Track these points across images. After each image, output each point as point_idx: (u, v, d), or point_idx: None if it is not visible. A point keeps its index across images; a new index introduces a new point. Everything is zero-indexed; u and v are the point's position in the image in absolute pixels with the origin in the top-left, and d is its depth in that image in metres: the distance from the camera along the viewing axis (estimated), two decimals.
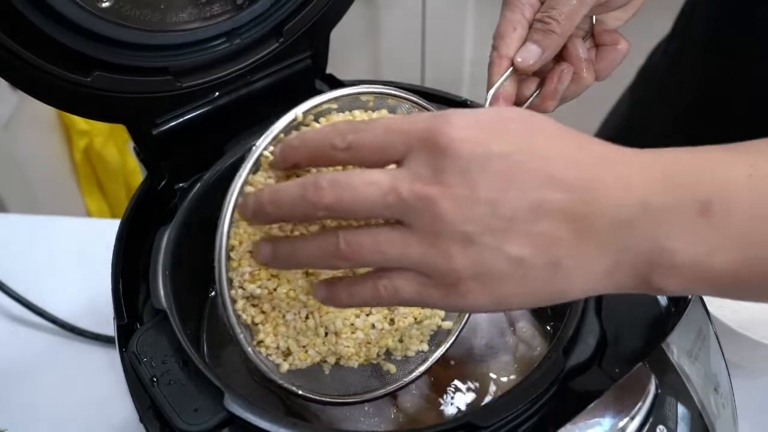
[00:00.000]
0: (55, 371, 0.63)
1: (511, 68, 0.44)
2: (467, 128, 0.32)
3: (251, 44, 0.50)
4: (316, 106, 0.41)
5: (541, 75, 0.46)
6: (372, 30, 1.44)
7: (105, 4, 0.41)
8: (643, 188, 0.32)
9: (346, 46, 1.32)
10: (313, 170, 0.39)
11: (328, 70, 0.58)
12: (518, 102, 0.46)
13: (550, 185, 0.31)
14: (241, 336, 0.41)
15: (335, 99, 0.41)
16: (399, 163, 0.33)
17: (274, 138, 0.40)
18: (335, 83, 0.58)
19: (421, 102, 0.43)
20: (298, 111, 0.40)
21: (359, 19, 1.41)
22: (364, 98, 0.43)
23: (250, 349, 0.41)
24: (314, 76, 0.57)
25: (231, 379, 0.43)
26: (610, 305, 0.44)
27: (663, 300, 0.44)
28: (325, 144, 0.35)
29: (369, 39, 1.43)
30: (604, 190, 0.32)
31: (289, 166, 0.38)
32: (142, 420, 0.40)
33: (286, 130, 0.40)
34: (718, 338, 0.43)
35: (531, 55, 0.43)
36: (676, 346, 0.39)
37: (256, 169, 0.40)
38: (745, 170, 0.32)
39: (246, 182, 0.40)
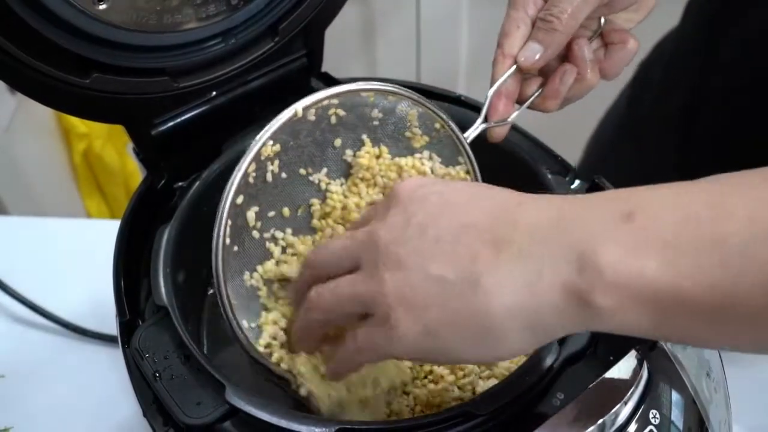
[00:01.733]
0: (59, 371, 0.63)
1: (515, 67, 0.44)
2: (418, 180, 0.38)
3: (247, 44, 0.51)
4: (315, 102, 0.41)
5: (545, 75, 0.46)
6: (367, 28, 1.44)
7: (102, 6, 0.41)
8: (561, 206, 0.32)
9: (341, 45, 1.33)
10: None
11: (324, 69, 0.58)
12: (520, 100, 0.47)
13: (477, 212, 0.34)
14: (242, 337, 0.42)
15: (335, 95, 0.42)
16: None
17: (274, 133, 0.40)
18: (331, 82, 0.59)
19: (419, 99, 0.44)
20: (297, 107, 0.41)
21: (354, 17, 1.42)
22: (364, 95, 0.44)
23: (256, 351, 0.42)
24: (310, 75, 0.57)
25: (232, 373, 0.43)
26: None
27: None
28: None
29: (364, 37, 1.44)
30: (523, 211, 0.33)
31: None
32: (145, 415, 0.40)
33: (286, 125, 0.41)
34: None
35: (533, 53, 0.44)
36: None
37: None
38: (670, 189, 0.31)
39: (246, 175, 0.40)
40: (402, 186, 0.37)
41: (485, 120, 0.46)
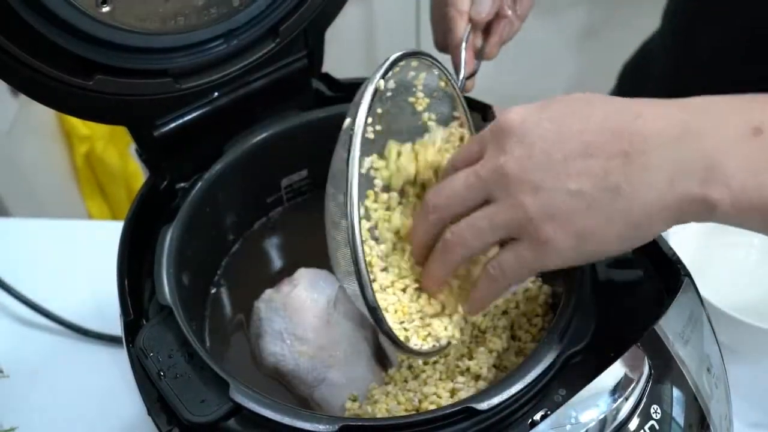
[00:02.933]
0: (62, 371, 0.64)
1: (470, 23, 0.52)
2: (521, 110, 0.39)
3: (248, 45, 0.51)
4: (389, 71, 0.41)
5: (486, 28, 0.54)
6: (367, 29, 1.45)
7: (105, 9, 0.42)
8: (683, 117, 0.35)
9: (342, 46, 1.33)
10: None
11: (324, 70, 0.59)
12: (476, 52, 0.54)
13: (595, 132, 0.36)
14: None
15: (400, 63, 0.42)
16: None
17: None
18: (332, 82, 0.59)
19: (433, 61, 0.45)
20: (379, 82, 0.41)
21: (354, 18, 1.42)
22: (414, 63, 0.44)
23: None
24: (310, 76, 0.58)
25: (235, 372, 0.44)
26: (605, 291, 0.45)
27: (656, 284, 0.45)
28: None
29: (364, 38, 1.44)
30: (645, 122, 0.36)
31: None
32: (150, 413, 0.40)
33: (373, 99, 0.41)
34: (710, 321, 0.44)
35: (484, 8, 0.52)
36: (669, 329, 0.40)
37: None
38: None
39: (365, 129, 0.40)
40: (508, 120, 0.38)
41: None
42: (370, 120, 0.42)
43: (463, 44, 0.52)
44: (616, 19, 1.42)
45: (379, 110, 0.44)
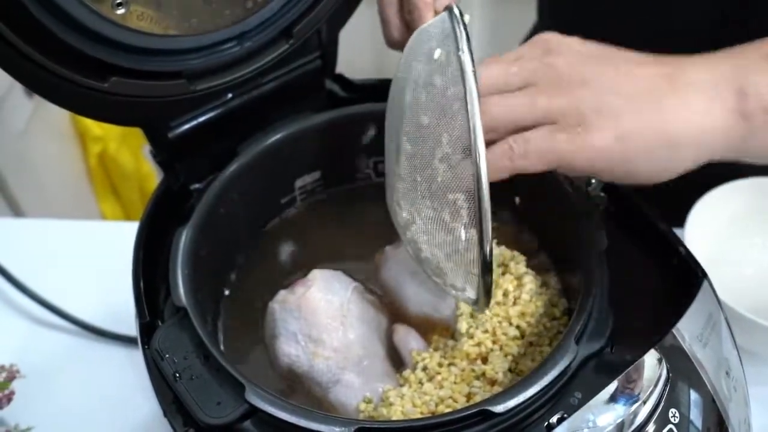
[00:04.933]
0: (78, 371, 0.64)
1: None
2: (561, 34, 0.41)
3: (262, 46, 0.51)
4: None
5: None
6: (380, 30, 1.44)
7: (120, 11, 0.42)
8: (717, 62, 0.39)
9: (354, 47, 1.33)
10: None
11: (337, 71, 0.59)
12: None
13: (638, 57, 0.40)
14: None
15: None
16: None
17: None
18: (345, 83, 0.59)
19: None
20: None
21: (366, 18, 1.42)
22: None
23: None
24: (324, 77, 0.58)
25: (249, 373, 0.44)
26: (621, 293, 0.44)
27: (673, 286, 0.45)
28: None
29: (377, 39, 1.44)
30: (687, 69, 0.39)
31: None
32: (165, 414, 0.41)
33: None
34: (728, 323, 0.44)
35: None
36: (687, 332, 0.40)
37: None
38: None
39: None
40: (550, 36, 0.41)
41: None
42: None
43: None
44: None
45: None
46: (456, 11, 0.41)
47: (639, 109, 0.38)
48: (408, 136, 0.43)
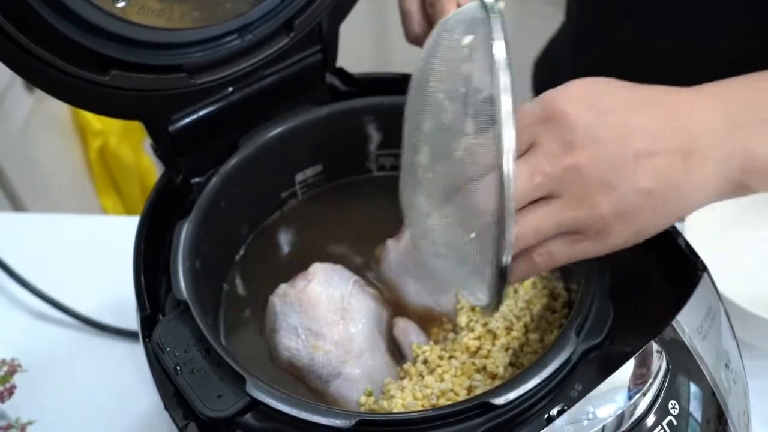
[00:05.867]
0: (79, 365, 0.64)
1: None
2: (571, 98, 0.38)
3: (262, 40, 0.51)
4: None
5: None
6: (380, 23, 1.44)
7: (120, 4, 0.42)
8: (725, 108, 0.39)
9: (355, 41, 1.33)
10: None
11: (338, 65, 0.59)
12: None
13: (658, 129, 0.38)
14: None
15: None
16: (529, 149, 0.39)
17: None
18: (346, 77, 0.59)
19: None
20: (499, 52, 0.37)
21: (367, 12, 1.41)
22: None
23: None
24: (325, 70, 0.57)
25: (250, 366, 0.44)
26: (622, 285, 0.44)
27: (673, 279, 0.45)
28: None
29: (378, 33, 1.44)
30: (695, 117, 0.39)
31: None
32: (166, 408, 0.41)
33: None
34: (728, 316, 0.44)
35: None
36: (687, 324, 0.40)
37: None
38: None
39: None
40: (561, 109, 0.38)
41: None
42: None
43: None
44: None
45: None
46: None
47: (657, 204, 0.38)
48: (431, 130, 0.42)
